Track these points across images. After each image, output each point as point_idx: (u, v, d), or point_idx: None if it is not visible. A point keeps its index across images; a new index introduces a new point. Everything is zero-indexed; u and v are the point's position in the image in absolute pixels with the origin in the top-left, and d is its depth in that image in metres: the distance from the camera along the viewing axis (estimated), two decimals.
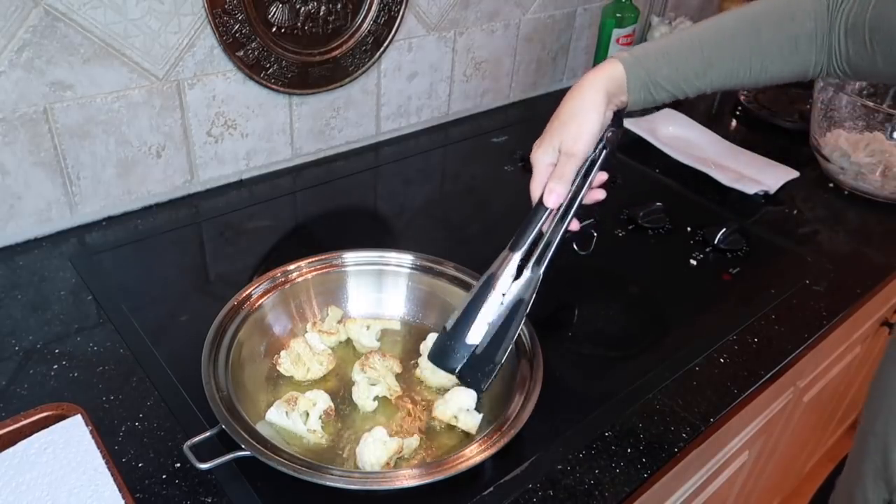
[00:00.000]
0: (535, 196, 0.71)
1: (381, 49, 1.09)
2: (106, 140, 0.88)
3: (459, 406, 0.67)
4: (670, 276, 0.94)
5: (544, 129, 0.72)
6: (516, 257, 0.68)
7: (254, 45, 0.94)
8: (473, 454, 0.60)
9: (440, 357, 0.68)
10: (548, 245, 0.69)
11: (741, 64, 0.71)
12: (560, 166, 0.69)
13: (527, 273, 0.68)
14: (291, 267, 0.79)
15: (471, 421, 0.66)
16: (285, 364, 0.71)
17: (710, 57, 0.70)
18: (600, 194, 0.73)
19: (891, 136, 1.14)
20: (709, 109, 1.49)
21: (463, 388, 0.68)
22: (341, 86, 1.08)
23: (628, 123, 1.32)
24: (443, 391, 0.71)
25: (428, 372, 0.72)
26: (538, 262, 0.68)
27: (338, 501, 0.59)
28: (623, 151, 1.26)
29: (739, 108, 1.46)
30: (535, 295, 0.68)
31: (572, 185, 0.70)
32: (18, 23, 0.76)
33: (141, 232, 0.92)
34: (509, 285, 0.67)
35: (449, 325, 0.68)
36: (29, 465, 0.55)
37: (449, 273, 0.80)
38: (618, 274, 0.94)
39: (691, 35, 0.71)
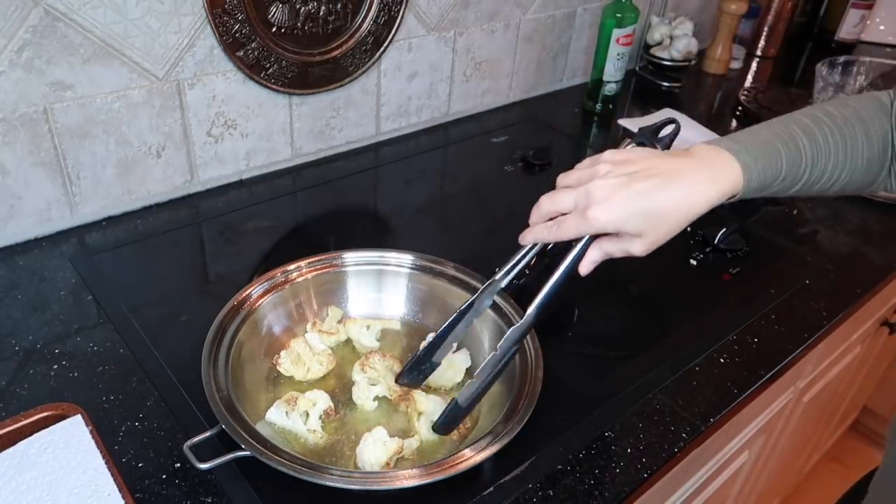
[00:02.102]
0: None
1: (381, 49, 1.09)
2: (106, 140, 0.88)
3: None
4: (670, 276, 0.94)
5: (628, 166, 0.58)
6: (498, 282, 0.66)
7: (254, 45, 0.94)
8: (473, 454, 0.60)
9: (411, 380, 0.68)
10: (546, 289, 0.64)
11: (835, 168, 0.65)
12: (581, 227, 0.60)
13: (525, 318, 0.64)
14: (291, 267, 0.79)
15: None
16: (285, 364, 0.71)
17: (811, 158, 0.63)
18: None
19: None
20: (709, 109, 1.49)
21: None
22: (341, 86, 1.08)
23: (628, 123, 1.32)
24: (442, 390, 0.71)
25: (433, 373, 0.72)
26: (536, 306, 0.64)
27: (338, 501, 0.59)
28: None
29: (739, 108, 1.46)
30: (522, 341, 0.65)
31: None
32: (18, 23, 0.76)
33: (141, 232, 0.92)
34: (486, 308, 0.68)
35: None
36: (29, 465, 0.55)
37: (449, 273, 0.80)
38: (618, 274, 0.94)
39: (788, 129, 0.64)
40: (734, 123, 1.43)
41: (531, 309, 0.63)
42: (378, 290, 0.81)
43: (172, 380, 0.70)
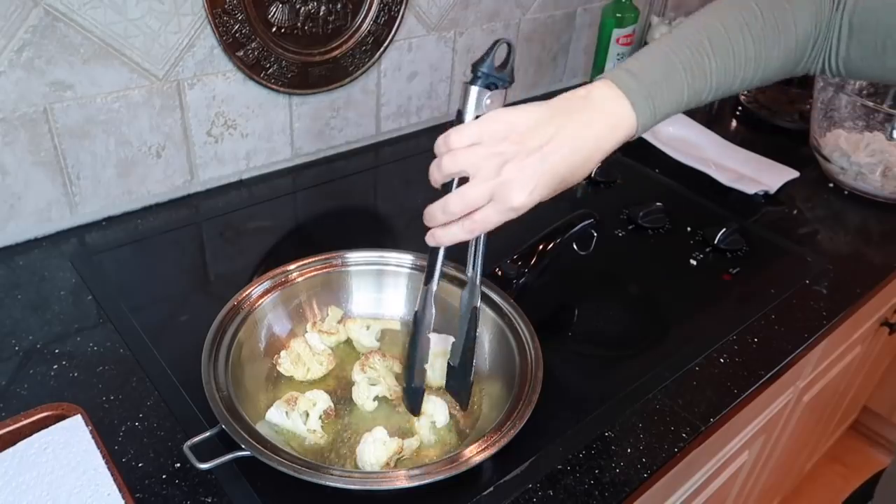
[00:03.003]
0: (435, 184, 0.60)
1: (381, 49, 1.09)
2: (106, 140, 0.88)
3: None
4: (670, 276, 0.94)
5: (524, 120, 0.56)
6: (432, 288, 0.64)
7: (254, 45, 0.94)
8: (473, 454, 0.60)
9: (411, 407, 0.67)
10: (476, 248, 0.64)
11: (743, 81, 0.64)
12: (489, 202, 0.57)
13: (469, 280, 0.65)
14: (291, 267, 0.79)
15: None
16: (285, 364, 0.71)
17: (717, 83, 0.62)
18: None
19: (891, 136, 1.14)
20: (709, 109, 1.49)
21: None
22: (341, 86, 1.08)
23: None
24: (442, 390, 0.71)
25: (428, 371, 0.72)
26: (474, 266, 0.64)
27: (338, 501, 0.59)
28: (623, 151, 1.25)
29: (739, 108, 1.46)
30: (480, 296, 0.66)
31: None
32: (18, 23, 0.76)
33: (141, 232, 0.92)
34: (433, 317, 0.65)
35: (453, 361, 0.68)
36: (29, 465, 0.55)
37: (449, 273, 0.80)
38: (618, 274, 0.94)
39: (700, 56, 0.61)
40: (734, 123, 1.43)
41: (475, 270, 0.65)
42: (378, 290, 0.81)
43: (172, 380, 0.70)
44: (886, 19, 0.62)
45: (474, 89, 0.57)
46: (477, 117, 0.58)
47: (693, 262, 0.96)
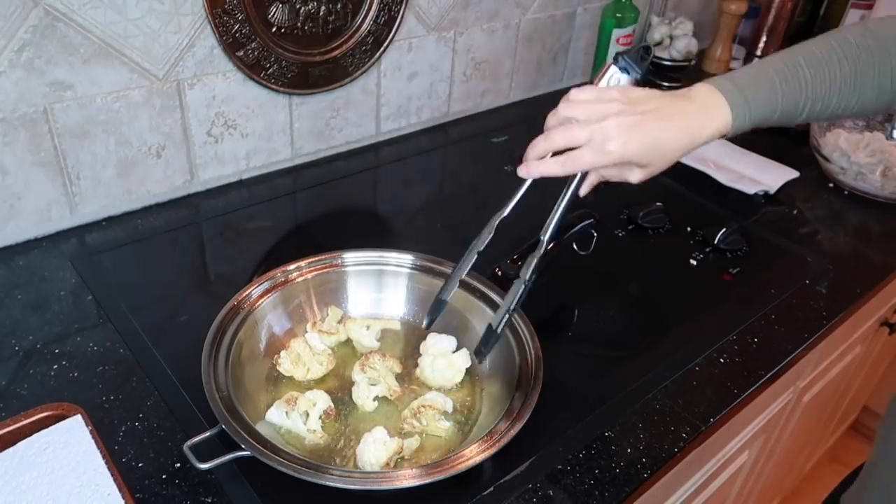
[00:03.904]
0: (547, 127, 0.66)
1: (381, 49, 1.09)
2: (106, 140, 0.88)
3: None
4: (670, 276, 0.94)
5: (634, 107, 0.63)
6: (500, 215, 0.69)
7: (254, 45, 0.94)
8: (473, 454, 0.60)
9: (428, 318, 0.72)
10: (554, 213, 0.69)
11: (840, 100, 0.68)
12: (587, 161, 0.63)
13: (540, 243, 0.68)
14: (291, 267, 0.79)
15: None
16: (285, 364, 0.71)
17: (811, 94, 0.66)
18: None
19: (891, 136, 1.14)
20: None
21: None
22: (341, 86, 1.08)
23: None
24: (443, 390, 0.71)
25: (428, 371, 0.72)
26: (546, 231, 0.69)
27: (338, 501, 0.59)
28: None
29: None
30: (538, 264, 0.68)
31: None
32: (18, 23, 0.76)
33: (141, 232, 0.92)
34: (486, 241, 0.69)
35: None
36: (29, 465, 0.55)
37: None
38: (618, 274, 0.94)
39: (796, 68, 0.66)
40: None
41: (546, 235, 0.68)
42: (378, 290, 0.81)
43: (172, 380, 0.70)
44: None
45: (612, 67, 0.67)
46: None
47: (693, 262, 0.96)
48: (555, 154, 0.64)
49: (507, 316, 0.67)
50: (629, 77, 0.67)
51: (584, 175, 0.67)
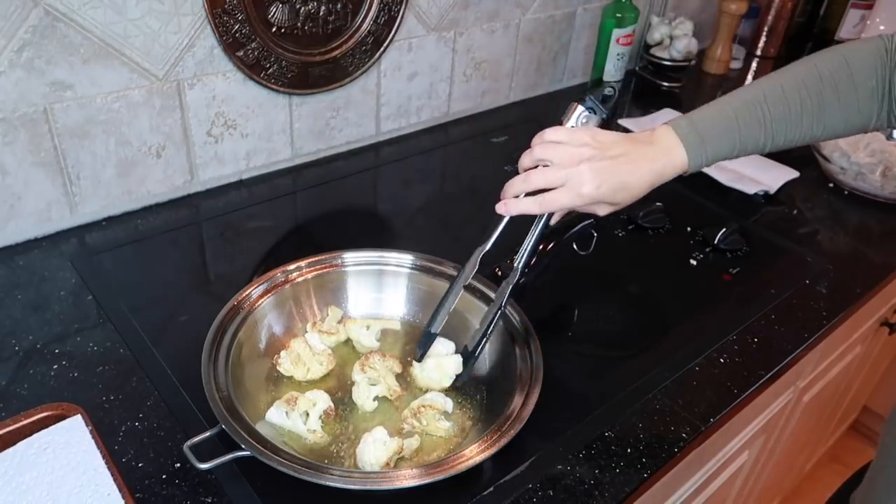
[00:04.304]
0: (522, 168, 0.71)
1: (381, 49, 1.09)
2: (106, 140, 0.88)
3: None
4: (670, 276, 0.94)
5: (602, 150, 0.68)
6: (484, 249, 0.72)
7: (254, 45, 0.94)
8: (473, 454, 0.60)
9: (419, 351, 0.73)
10: (527, 243, 0.73)
11: (803, 133, 0.71)
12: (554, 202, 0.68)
13: (514, 269, 0.72)
14: (291, 267, 0.79)
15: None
16: (285, 364, 0.71)
17: (772, 130, 0.70)
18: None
19: (891, 136, 1.14)
20: None
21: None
22: (341, 86, 1.08)
23: (628, 123, 1.32)
24: (428, 391, 0.71)
25: (417, 370, 0.72)
26: (520, 256, 0.73)
27: (338, 501, 0.59)
28: None
29: None
30: (515, 280, 0.72)
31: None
32: (18, 23, 0.76)
33: (141, 232, 0.92)
34: (472, 272, 0.72)
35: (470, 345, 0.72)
36: (29, 465, 0.55)
37: (449, 273, 0.80)
38: (618, 274, 0.94)
39: (756, 107, 0.70)
40: None
41: (520, 263, 0.73)
42: (378, 290, 0.81)
43: (172, 380, 0.70)
44: None
45: (579, 107, 0.71)
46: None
47: (693, 262, 0.96)
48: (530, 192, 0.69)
49: (484, 340, 0.71)
50: (596, 117, 0.71)
51: None
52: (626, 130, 1.31)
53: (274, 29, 0.95)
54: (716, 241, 0.97)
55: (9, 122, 0.80)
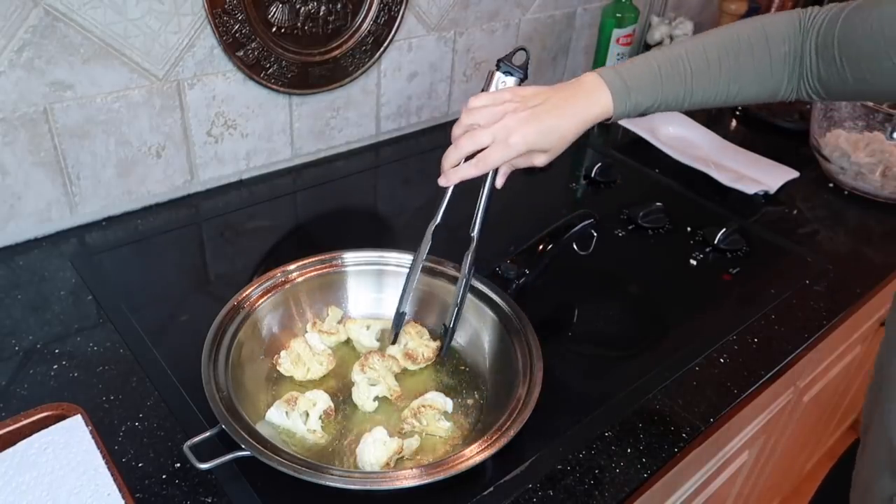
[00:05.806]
0: (454, 138, 0.72)
1: (381, 49, 1.09)
2: (106, 140, 0.88)
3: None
4: (670, 276, 0.94)
5: (531, 101, 0.70)
6: (434, 223, 0.74)
7: (254, 45, 0.94)
8: (473, 454, 0.60)
9: (392, 333, 0.77)
10: (477, 212, 0.75)
11: (719, 91, 0.74)
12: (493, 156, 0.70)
13: (472, 238, 0.74)
14: (291, 267, 0.79)
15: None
16: (285, 364, 0.71)
17: (692, 86, 0.73)
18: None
19: (891, 136, 1.14)
20: (709, 109, 1.49)
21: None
22: (341, 86, 1.08)
23: (628, 123, 1.32)
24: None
25: (396, 351, 0.75)
26: (475, 226, 0.75)
27: (338, 501, 0.59)
28: (623, 151, 1.26)
29: (739, 108, 1.46)
30: (474, 258, 0.74)
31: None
32: (18, 23, 0.76)
33: (141, 232, 0.92)
34: (427, 249, 0.75)
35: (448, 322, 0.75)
36: (29, 465, 0.55)
37: (449, 273, 0.80)
38: (618, 274, 0.94)
39: (678, 61, 0.73)
40: (734, 123, 1.43)
41: (475, 231, 0.74)
42: (378, 290, 0.81)
43: (172, 380, 0.70)
44: (849, 46, 0.68)
45: (497, 73, 0.74)
46: None
47: (693, 262, 0.96)
48: (467, 159, 0.70)
49: (457, 311, 0.74)
50: (514, 78, 0.73)
51: (497, 169, 0.73)
52: (626, 130, 1.31)
53: (274, 29, 0.95)
54: (716, 241, 0.97)
55: (9, 122, 0.80)
